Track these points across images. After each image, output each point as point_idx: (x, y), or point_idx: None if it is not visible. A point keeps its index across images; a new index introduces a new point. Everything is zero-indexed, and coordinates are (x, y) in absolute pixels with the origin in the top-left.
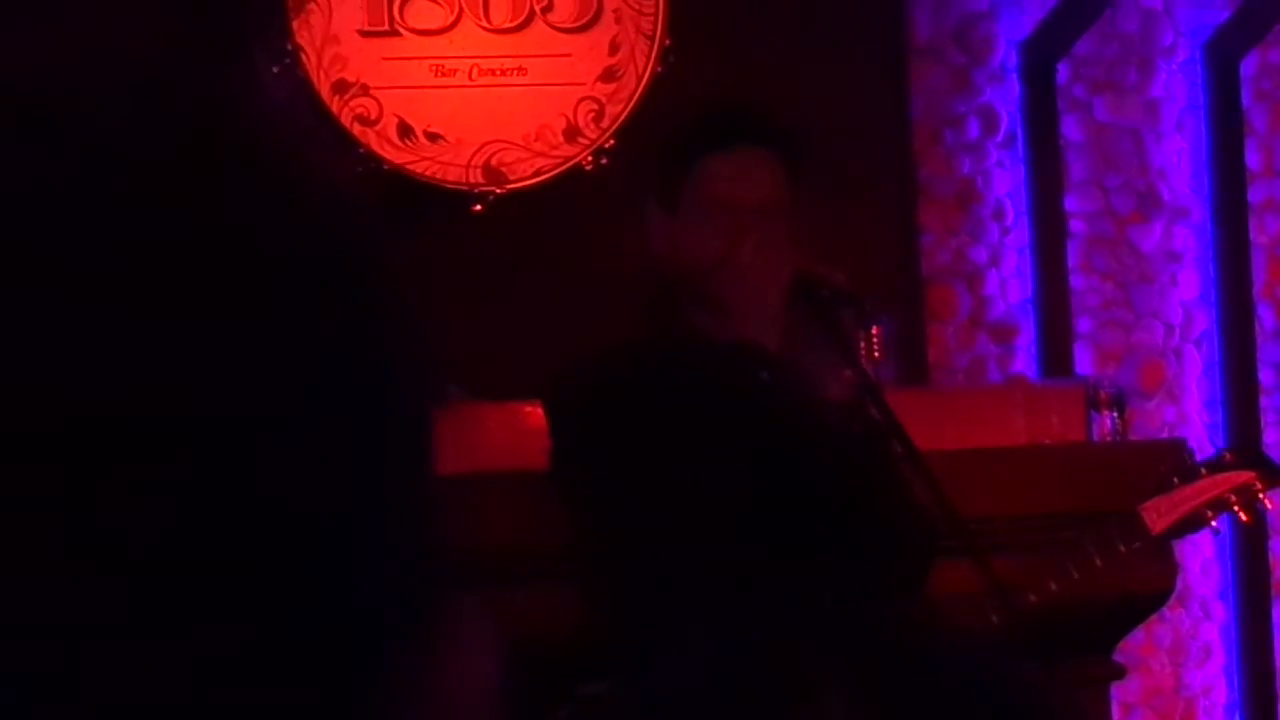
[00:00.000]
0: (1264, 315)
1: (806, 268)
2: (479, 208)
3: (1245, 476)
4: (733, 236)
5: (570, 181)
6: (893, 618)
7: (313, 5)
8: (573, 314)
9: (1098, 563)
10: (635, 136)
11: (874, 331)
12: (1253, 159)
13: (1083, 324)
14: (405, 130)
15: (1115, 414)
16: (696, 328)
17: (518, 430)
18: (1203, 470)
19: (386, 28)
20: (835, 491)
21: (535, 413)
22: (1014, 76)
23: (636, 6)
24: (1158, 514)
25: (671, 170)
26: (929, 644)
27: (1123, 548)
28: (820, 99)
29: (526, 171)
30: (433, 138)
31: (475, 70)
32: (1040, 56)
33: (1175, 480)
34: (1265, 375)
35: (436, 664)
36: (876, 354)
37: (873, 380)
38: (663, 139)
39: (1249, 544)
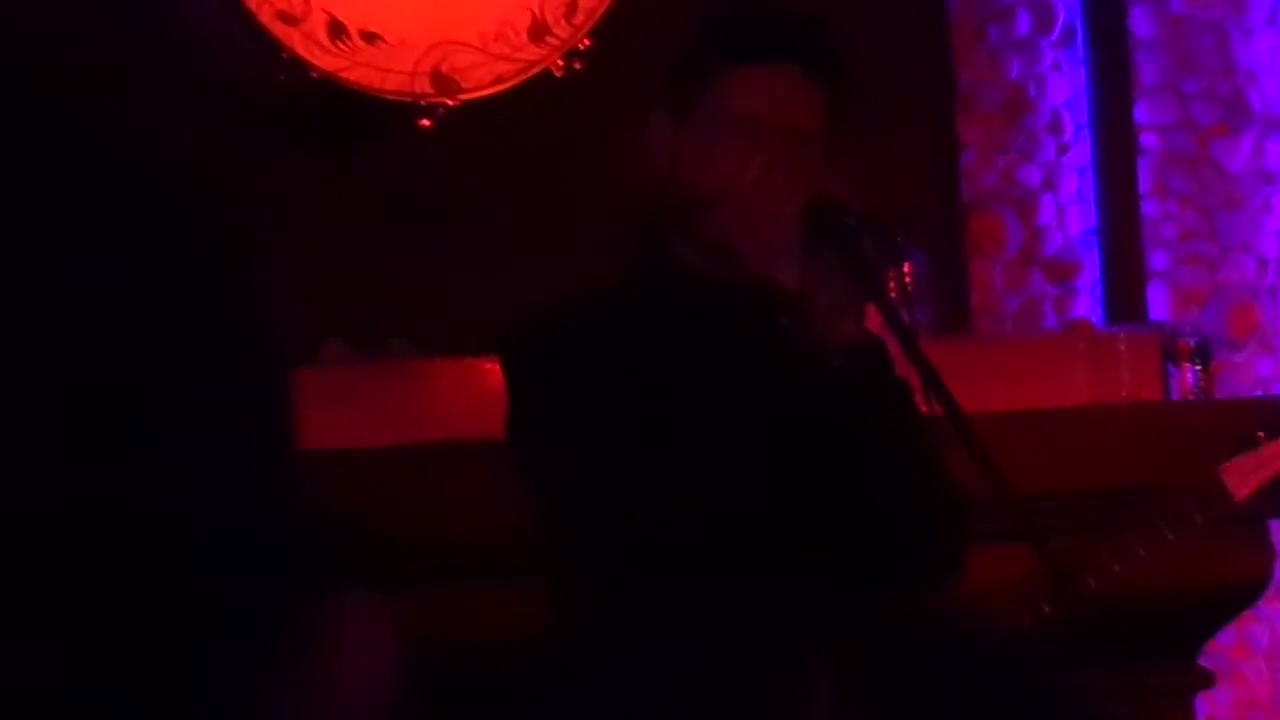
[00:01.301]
0: None
1: (823, 193)
2: (427, 123)
3: None
4: (744, 159)
5: (537, 91)
6: (903, 610)
7: None
8: (540, 251)
9: (1169, 536)
10: (617, 36)
11: (905, 269)
12: None
13: (1157, 259)
14: (337, 29)
15: (1198, 367)
16: (692, 266)
17: (474, 391)
18: None
19: None
20: (849, 458)
21: (495, 370)
22: None
23: None
24: (1240, 476)
25: (689, 74)
26: (937, 641)
27: (1199, 518)
28: None
29: (484, 79)
30: (370, 38)
31: None
32: None
33: (1261, 435)
34: None
35: (311, 662)
36: (909, 295)
37: (905, 325)
38: (686, 35)
39: None
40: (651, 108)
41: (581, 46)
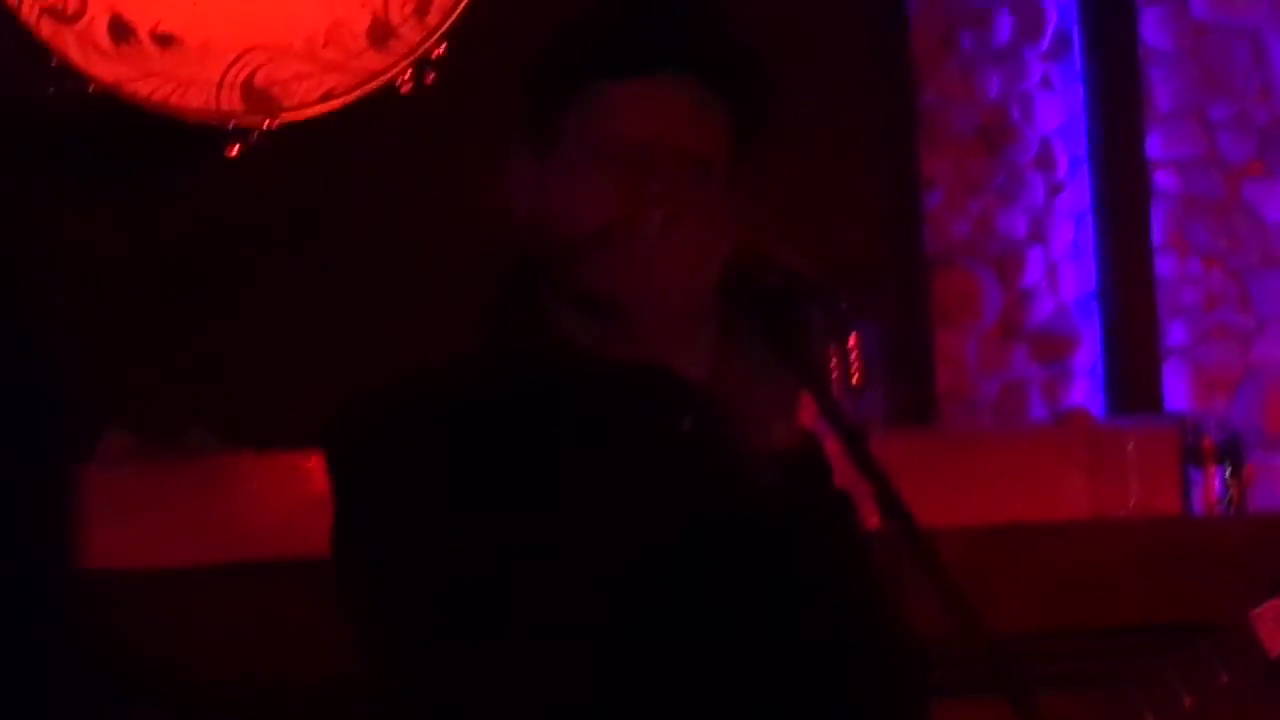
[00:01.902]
0: None
1: (743, 246)
2: (236, 150)
3: None
4: (634, 197)
5: (378, 110)
6: None
7: None
8: (379, 315)
9: (1186, 702)
10: (479, 40)
11: (850, 343)
12: None
13: (1175, 332)
14: (121, 30)
15: (1226, 470)
16: (570, 338)
17: (292, 495)
18: None
19: None
20: (775, 602)
21: (318, 468)
22: None
23: None
24: (1278, 624)
25: (549, 96)
26: None
27: (1226, 677)
28: None
29: (310, 94)
30: (164, 41)
31: None
32: None
33: None
34: None
35: None
36: (854, 377)
37: (847, 416)
38: (539, 48)
39: None
40: (508, 139)
41: (435, 54)
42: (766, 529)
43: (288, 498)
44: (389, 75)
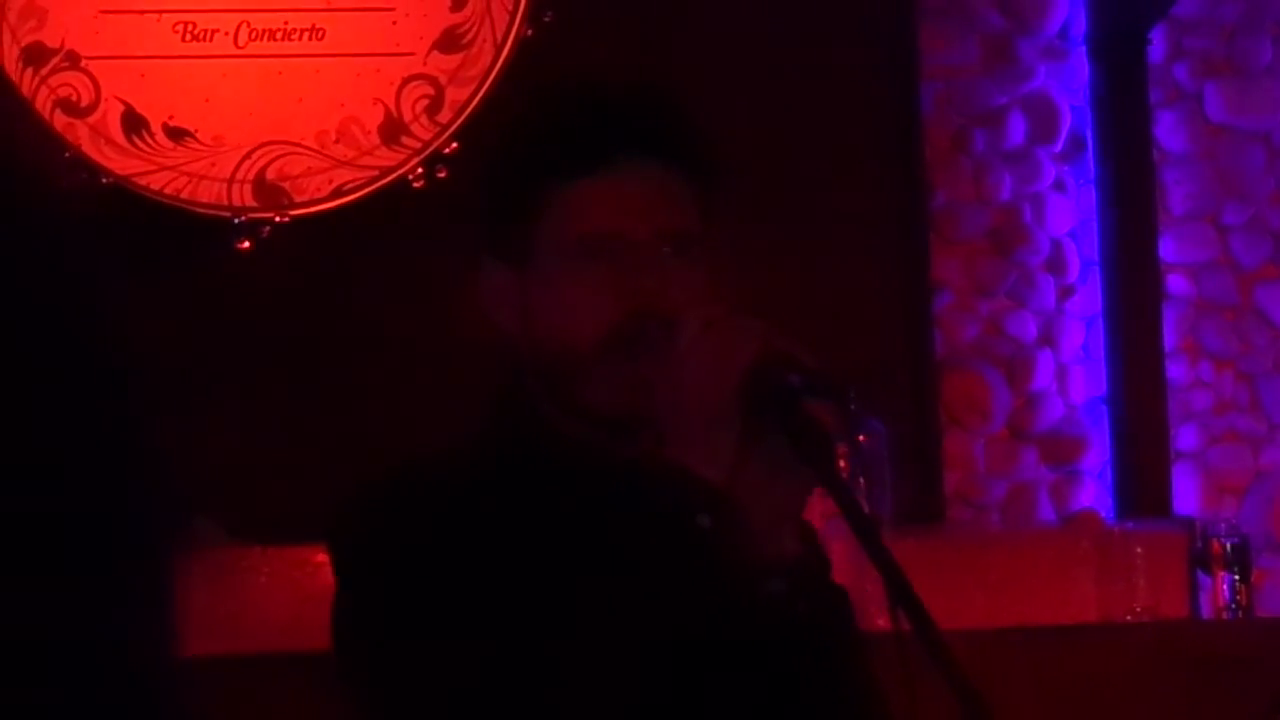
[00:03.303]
0: None
1: (769, 345)
2: (247, 244)
3: None
4: (621, 292)
5: (389, 205)
6: None
7: None
8: (389, 409)
9: None
10: (490, 138)
11: (858, 442)
12: None
13: (1185, 437)
14: (135, 122)
15: (1235, 576)
16: (578, 440)
17: (299, 589)
18: None
19: None
20: (780, 707)
21: (325, 561)
22: (1080, 50)
23: None
24: None
25: (515, 206)
26: None
27: None
28: (776, 82)
29: (322, 189)
30: (177, 135)
31: (245, 30)
32: (1123, 20)
33: None
34: None
35: None
36: (861, 479)
37: (864, 514)
38: (494, 153)
39: None
40: (479, 255)
41: (447, 150)
42: (768, 639)
43: (295, 592)
44: (400, 171)
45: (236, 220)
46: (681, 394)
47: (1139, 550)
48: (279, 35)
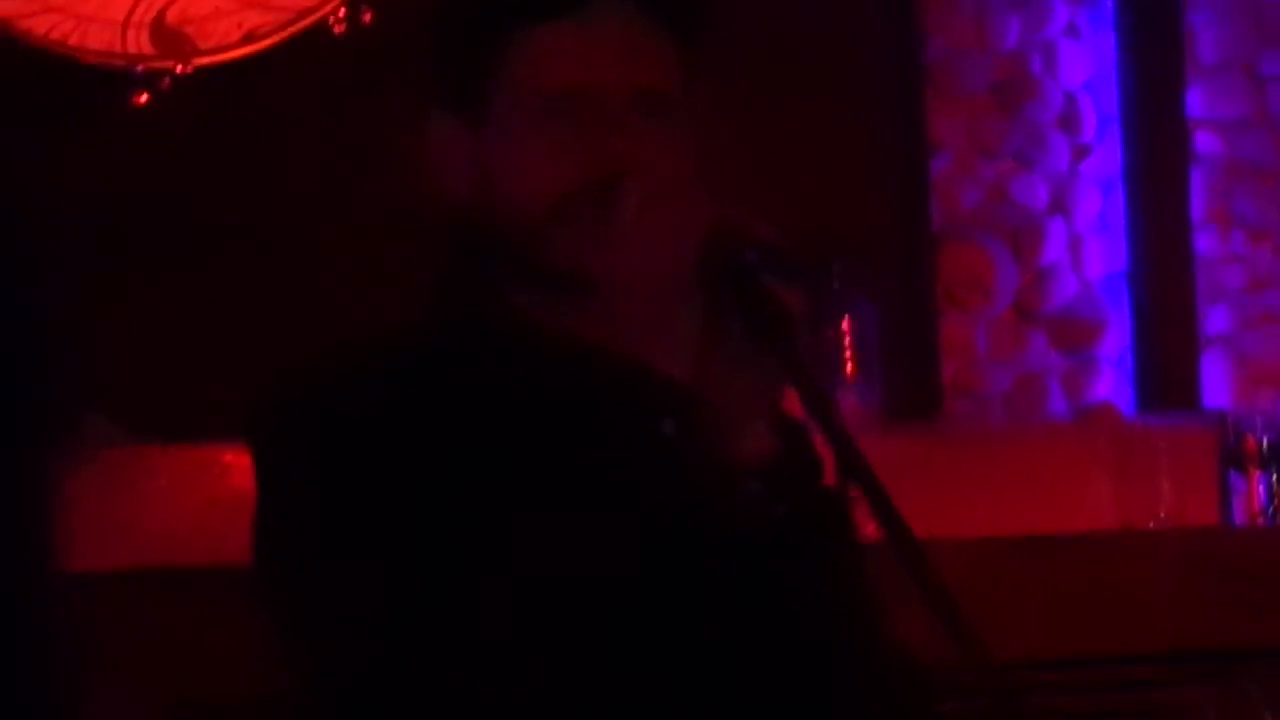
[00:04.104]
0: None
1: (726, 220)
2: (144, 98)
3: None
4: (586, 153)
5: (306, 53)
6: None
7: None
8: (307, 285)
9: None
10: None
11: (843, 326)
12: None
13: (1215, 318)
14: None
15: (1272, 476)
16: (533, 318)
17: (208, 492)
18: None
19: None
20: (756, 624)
21: (240, 462)
22: None
23: None
24: None
25: (469, 54)
26: None
27: (1270, 717)
28: None
29: (230, 34)
30: None
31: None
32: None
33: None
34: None
35: None
36: (847, 366)
37: (834, 414)
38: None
39: None
40: (426, 108)
41: None
42: (744, 544)
43: (200, 496)
44: (320, 13)
45: (132, 70)
46: (630, 275)
47: (1163, 448)
48: None
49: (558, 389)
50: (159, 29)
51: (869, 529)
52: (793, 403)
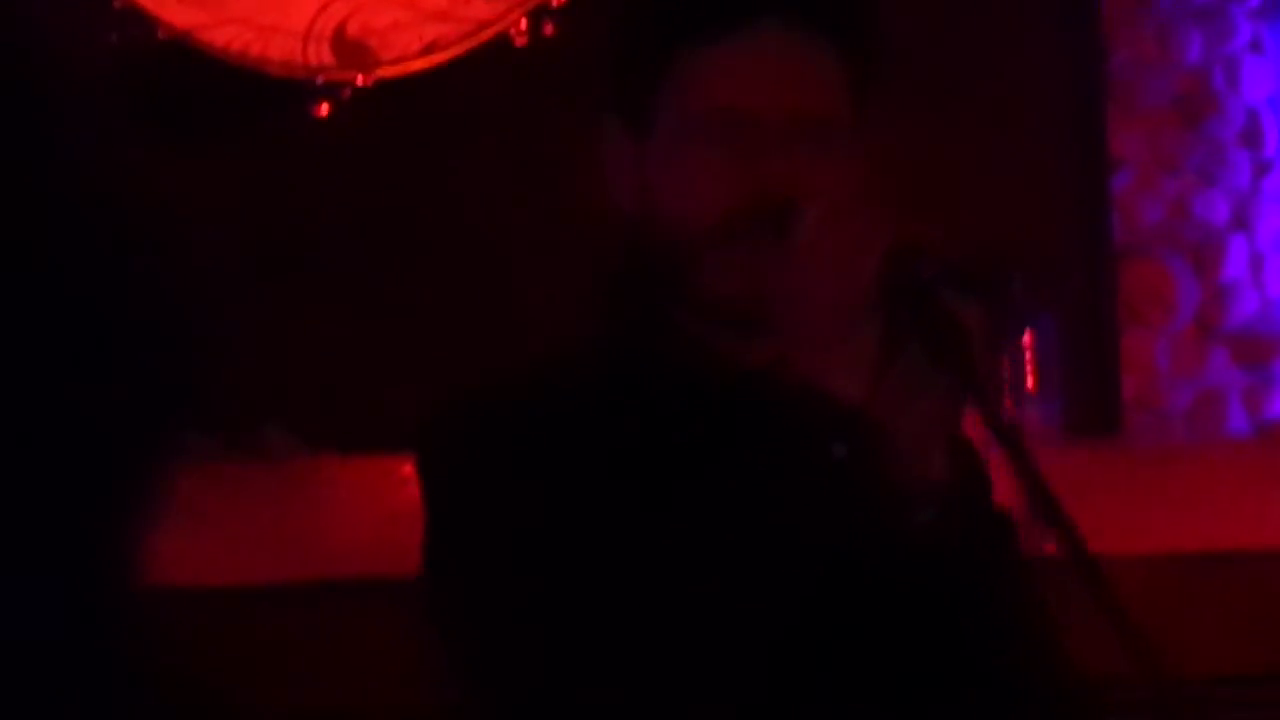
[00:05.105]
0: None
1: (902, 237)
2: (326, 109)
3: None
4: (751, 175)
5: (488, 65)
6: None
7: None
8: (485, 301)
9: None
10: None
11: (1023, 341)
12: None
13: None
14: None
15: None
16: (699, 341)
17: (382, 504)
18: None
19: None
20: (925, 643)
21: (412, 475)
22: None
23: None
24: None
25: (639, 68)
26: None
27: None
28: None
29: (410, 46)
30: None
31: None
32: None
33: None
34: None
35: None
36: (1028, 381)
37: (1013, 431)
38: (623, 7)
39: None
40: (600, 114)
41: (553, 2)
42: (917, 570)
43: (378, 508)
44: (501, 25)
45: (313, 82)
46: (805, 295)
47: None
48: None
49: (726, 412)
50: (340, 40)
51: (1047, 546)
52: (971, 421)
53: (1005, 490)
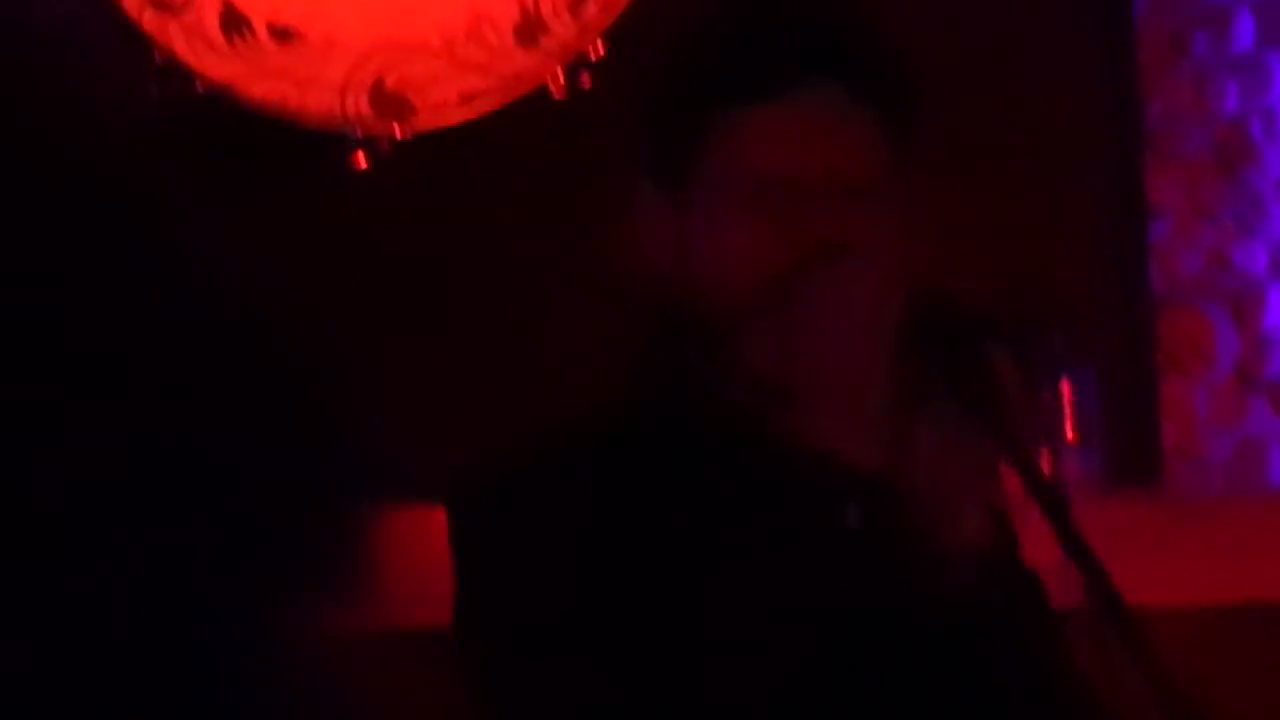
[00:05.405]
0: None
1: (925, 284)
2: (364, 160)
3: None
4: (789, 241)
5: (526, 117)
6: None
7: None
8: (519, 357)
9: None
10: (642, 41)
11: (1063, 391)
12: None
13: None
14: (234, 21)
15: None
16: (725, 402)
17: (413, 555)
18: None
19: None
20: (958, 706)
21: (443, 526)
22: None
23: None
24: None
25: (676, 129)
26: None
27: None
28: None
29: (449, 97)
30: (283, 36)
31: None
32: None
33: None
34: None
35: None
36: (1067, 431)
37: (1049, 482)
38: (659, 67)
39: None
40: (635, 176)
41: (592, 55)
42: (952, 633)
43: (409, 558)
44: (539, 78)
45: (351, 134)
46: (819, 356)
47: None
48: None
49: (744, 479)
50: (378, 92)
51: (1081, 598)
52: (1008, 474)
53: (1040, 543)
